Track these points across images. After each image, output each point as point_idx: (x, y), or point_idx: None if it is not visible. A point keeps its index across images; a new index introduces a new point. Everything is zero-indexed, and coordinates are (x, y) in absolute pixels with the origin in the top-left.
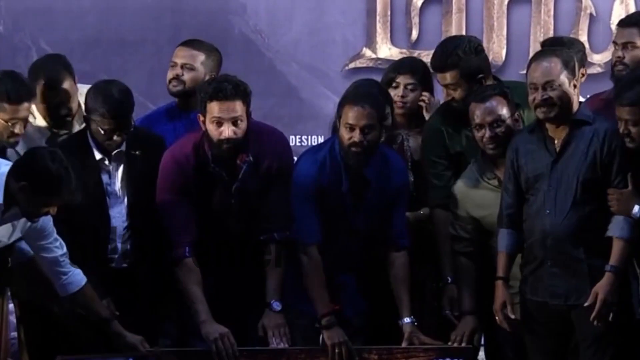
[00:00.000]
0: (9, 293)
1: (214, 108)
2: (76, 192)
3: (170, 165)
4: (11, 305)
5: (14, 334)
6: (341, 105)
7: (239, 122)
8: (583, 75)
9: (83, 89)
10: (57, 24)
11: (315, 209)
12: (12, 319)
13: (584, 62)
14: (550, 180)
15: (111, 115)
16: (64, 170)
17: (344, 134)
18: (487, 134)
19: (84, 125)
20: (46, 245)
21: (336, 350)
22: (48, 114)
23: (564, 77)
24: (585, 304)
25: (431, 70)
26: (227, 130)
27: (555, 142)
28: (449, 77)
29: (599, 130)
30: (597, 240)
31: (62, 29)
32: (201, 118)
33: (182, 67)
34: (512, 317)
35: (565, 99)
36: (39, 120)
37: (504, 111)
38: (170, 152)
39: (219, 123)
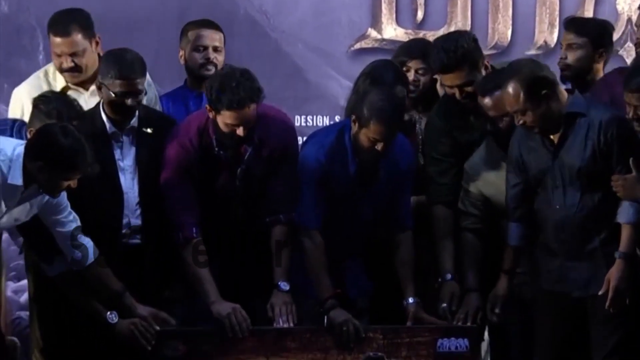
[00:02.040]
0: (10, 274)
1: (229, 116)
2: (93, 162)
3: (174, 148)
4: (19, 284)
5: (19, 313)
6: (365, 114)
7: (252, 121)
8: (600, 56)
9: None
10: (62, 5)
11: (319, 194)
12: (17, 298)
13: (610, 44)
14: (555, 175)
15: (122, 76)
16: (77, 143)
17: (366, 140)
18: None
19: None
20: (61, 219)
21: (344, 328)
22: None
23: (528, 104)
24: (600, 292)
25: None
26: (241, 132)
27: (552, 136)
28: (461, 74)
29: (594, 121)
30: (610, 228)
31: None
32: (211, 112)
33: (213, 49)
34: (497, 311)
35: (545, 115)
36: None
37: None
38: (173, 135)
39: (234, 126)
